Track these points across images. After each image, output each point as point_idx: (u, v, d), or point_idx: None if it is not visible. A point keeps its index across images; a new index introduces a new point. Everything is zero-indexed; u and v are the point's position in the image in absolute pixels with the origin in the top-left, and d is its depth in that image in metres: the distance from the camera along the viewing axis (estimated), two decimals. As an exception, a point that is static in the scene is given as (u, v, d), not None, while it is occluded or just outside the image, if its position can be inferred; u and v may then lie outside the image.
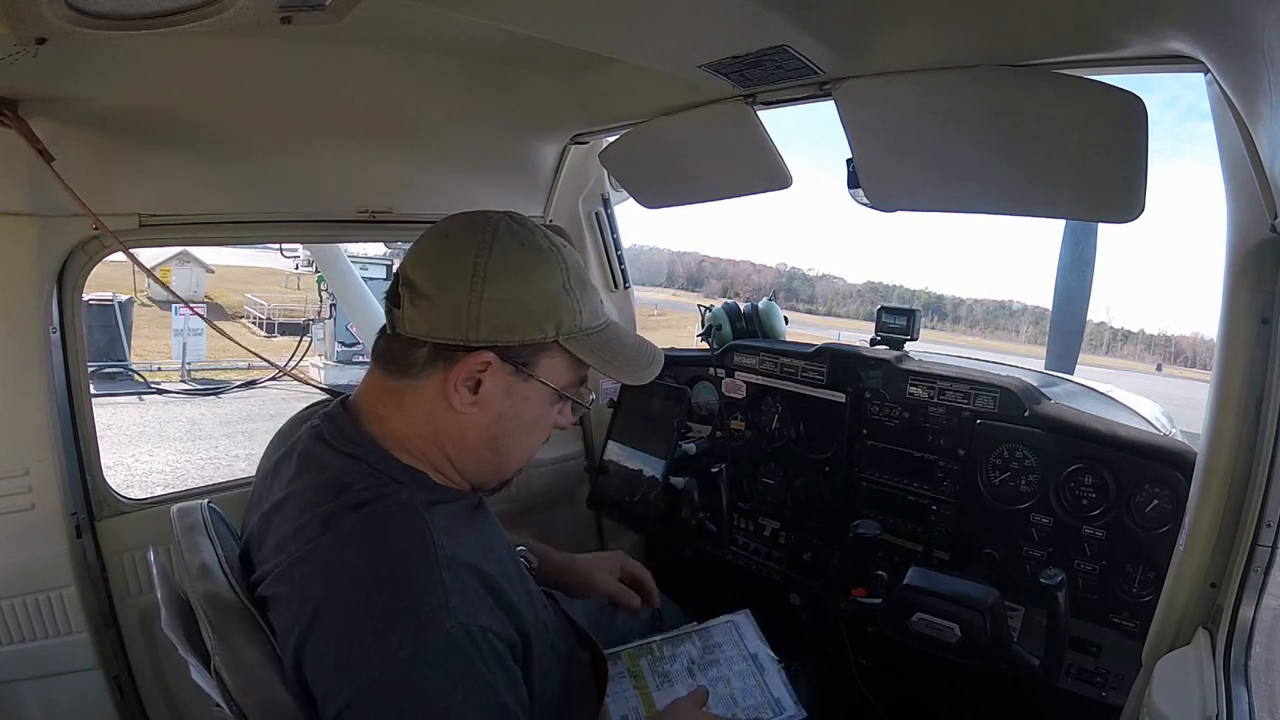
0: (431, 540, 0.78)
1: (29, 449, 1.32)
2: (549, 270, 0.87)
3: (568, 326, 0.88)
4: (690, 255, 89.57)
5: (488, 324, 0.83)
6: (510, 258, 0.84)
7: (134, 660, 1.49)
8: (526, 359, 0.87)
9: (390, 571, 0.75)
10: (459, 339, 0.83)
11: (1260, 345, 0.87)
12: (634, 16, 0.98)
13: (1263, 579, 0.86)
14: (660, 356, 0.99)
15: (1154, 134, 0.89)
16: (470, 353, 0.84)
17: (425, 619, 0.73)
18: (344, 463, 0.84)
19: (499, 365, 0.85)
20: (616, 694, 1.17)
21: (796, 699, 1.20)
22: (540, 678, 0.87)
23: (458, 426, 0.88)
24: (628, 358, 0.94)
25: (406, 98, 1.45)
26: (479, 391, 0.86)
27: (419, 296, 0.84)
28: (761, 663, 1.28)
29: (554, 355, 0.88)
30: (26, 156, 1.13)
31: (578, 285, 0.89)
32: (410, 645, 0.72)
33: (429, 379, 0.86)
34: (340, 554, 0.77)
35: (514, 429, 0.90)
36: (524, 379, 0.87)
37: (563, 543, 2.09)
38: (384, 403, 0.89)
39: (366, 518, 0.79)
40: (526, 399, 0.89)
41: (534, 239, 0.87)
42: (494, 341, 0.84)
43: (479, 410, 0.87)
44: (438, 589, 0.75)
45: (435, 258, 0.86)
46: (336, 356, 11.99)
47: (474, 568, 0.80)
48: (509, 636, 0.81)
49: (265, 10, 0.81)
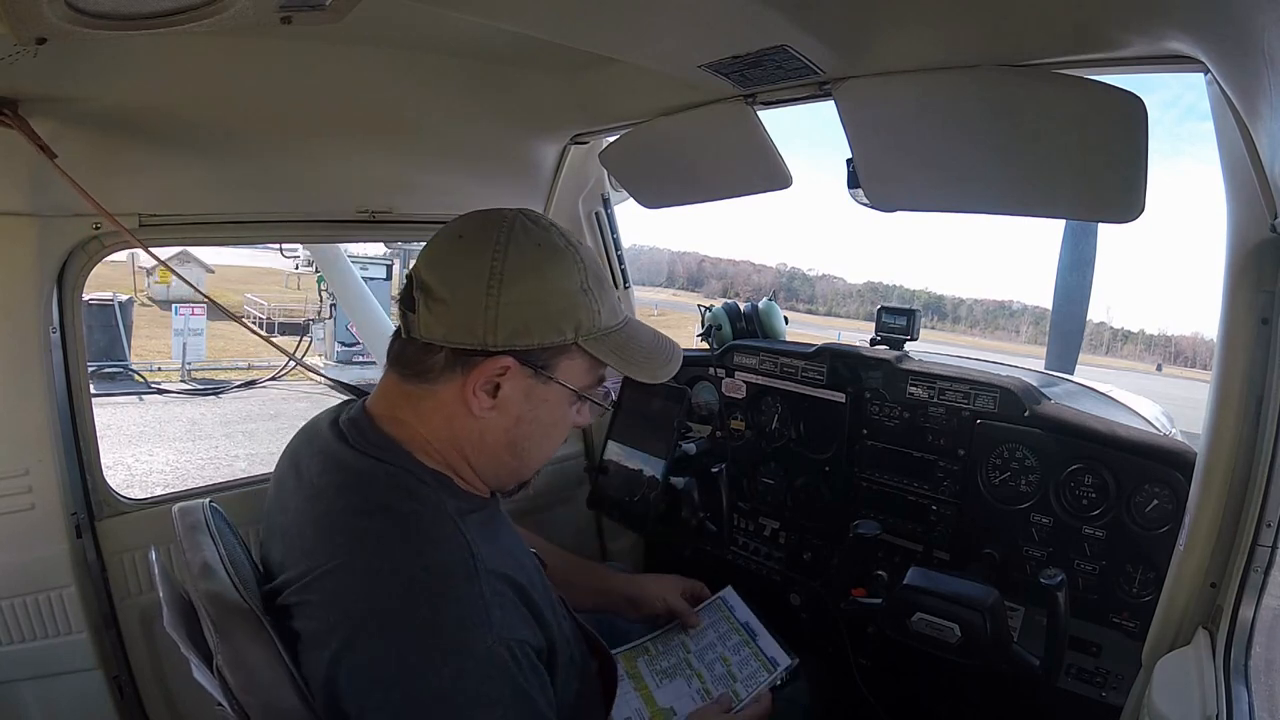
0: (471, 552, 0.77)
1: (29, 449, 1.32)
2: (566, 270, 0.85)
3: (587, 327, 0.86)
4: (690, 255, 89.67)
5: (505, 328, 0.81)
6: (527, 259, 0.82)
7: (134, 660, 1.48)
8: (545, 362, 0.85)
9: (431, 584, 0.74)
10: (476, 343, 0.82)
11: (1260, 345, 0.87)
12: (634, 16, 0.98)
13: (1263, 579, 0.86)
14: (679, 353, 0.97)
15: (1154, 134, 0.89)
16: (489, 357, 0.82)
17: (468, 634, 0.73)
18: (369, 465, 0.83)
19: (518, 369, 0.84)
20: (618, 697, 1.17)
21: (789, 649, 1.22)
22: (560, 688, 0.86)
23: (477, 431, 0.86)
24: (646, 355, 0.92)
25: (406, 98, 1.45)
26: (498, 395, 0.84)
27: (434, 300, 0.82)
28: (753, 629, 1.29)
29: (573, 357, 0.87)
30: (27, 156, 1.13)
31: (595, 284, 0.87)
32: (454, 660, 0.72)
33: (447, 384, 0.84)
34: (379, 564, 0.76)
35: (533, 431, 0.89)
36: (543, 381, 0.86)
37: (562, 543, 2.10)
38: (401, 407, 0.88)
39: (403, 526, 0.78)
40: (546, 401, 0.87)
41: (550, 238, 0.85)
42: (512, 346, 0.82)
43: (498, 414, 0.86)
44: (479, 603, 0.74)
45: (450, 260, 0.85)
46: (336, 356, 12.00)
47: (509, 578, 0.80)
48: (540, 646, 0.81)
49: (265, 10, 0.80)
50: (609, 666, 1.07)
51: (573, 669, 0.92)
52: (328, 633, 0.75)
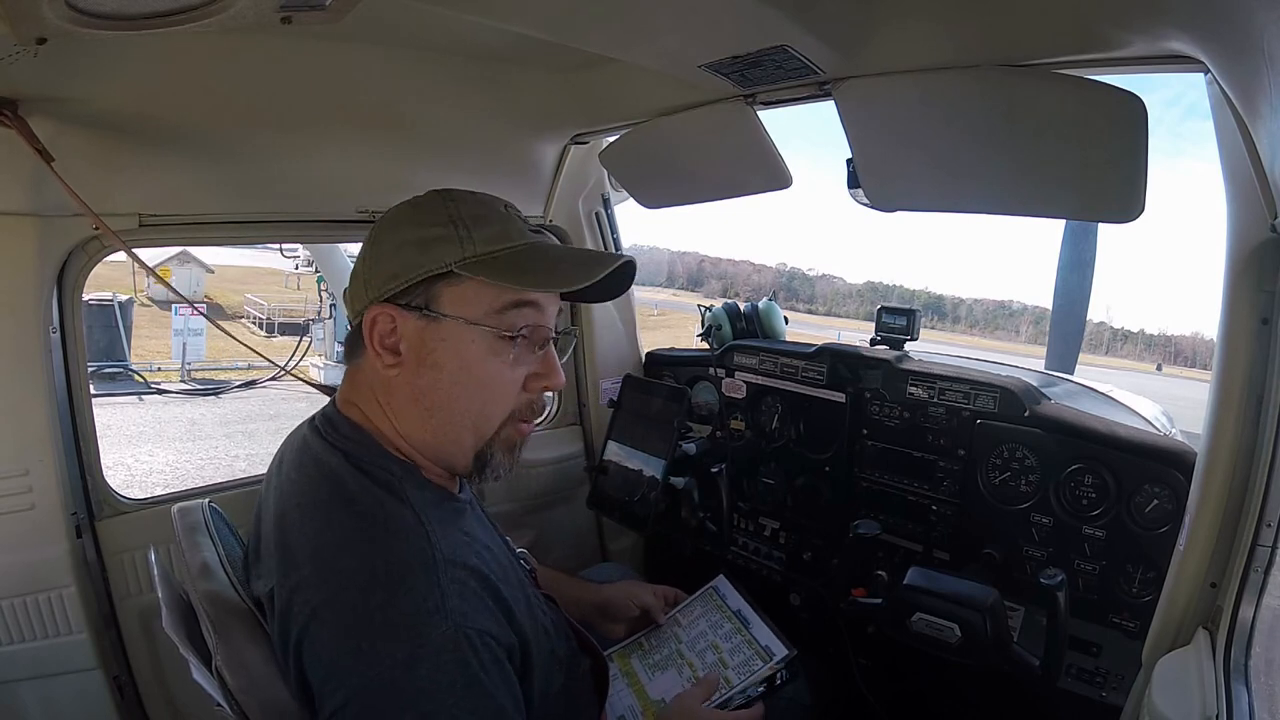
0: (429, 541, 0.78)
1: (29, 449, 1.32)
2: (431, 211, 0.86)
3: (464, 255, 0.82)
4: (690, 255, 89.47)
5: (378, 281, 0.85)
6: (392, 214, 0.88)
7: (134, 660, 1.48)
8: (426, 299, 0.83)
9: (388, 573, 0.75)
10: (363, 306, 0.86)
11: (1260, 345, 0.87)
12: (634, 16, 0.98)
13: (1263, 579, 0.86)
14: (615, 257, 0.89)
15: (1157, 133, 0.89)
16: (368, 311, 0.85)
17: (423, 621, 0.73)
18: (336, 459, 0.84)
19: (400, 314, 0.83)
20: (612, 696, 1.16)
21: (785, 640, 1.20)
22: (541, 682, 0.86)
23: (392, 391, 0.87)
24: (552, 261, 0.86)
25: (406, 98, 1.45)
26: (401, 351, 0.85)
27: (351, 281, 0.89)
28: (745, 617, 1.28)
29: (458, 284, 0.83)
30: (27, 156, 1.13)
31: (472, 219, 0.84)
32: (407, 647, 0.72)
33: (364, 353, 0.88)
34: (338, 554, 0.77)
35: (440, 379, 0.84)
36: (433, 320, 0.83)
37: (562, 542, 2.10)
38: (350, 389, 0.91)
39: (364, 518, 0.79)
40: (444, 340, 0.83)
41: (424, 198, 0.88)
42: (384, 293, 0.84)
43: (404, 369, 0.85)
44: (435, 591, 0.75)
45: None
46: (336, 356, 11.98)
47: (474, 569, 0.80)
48: (508, 640, 0.80)
49: (265, 10, 0.81)
50: (600, 664, 1.07)
51: (554, 662, 0.91)
52: (291, 622, 0.76)
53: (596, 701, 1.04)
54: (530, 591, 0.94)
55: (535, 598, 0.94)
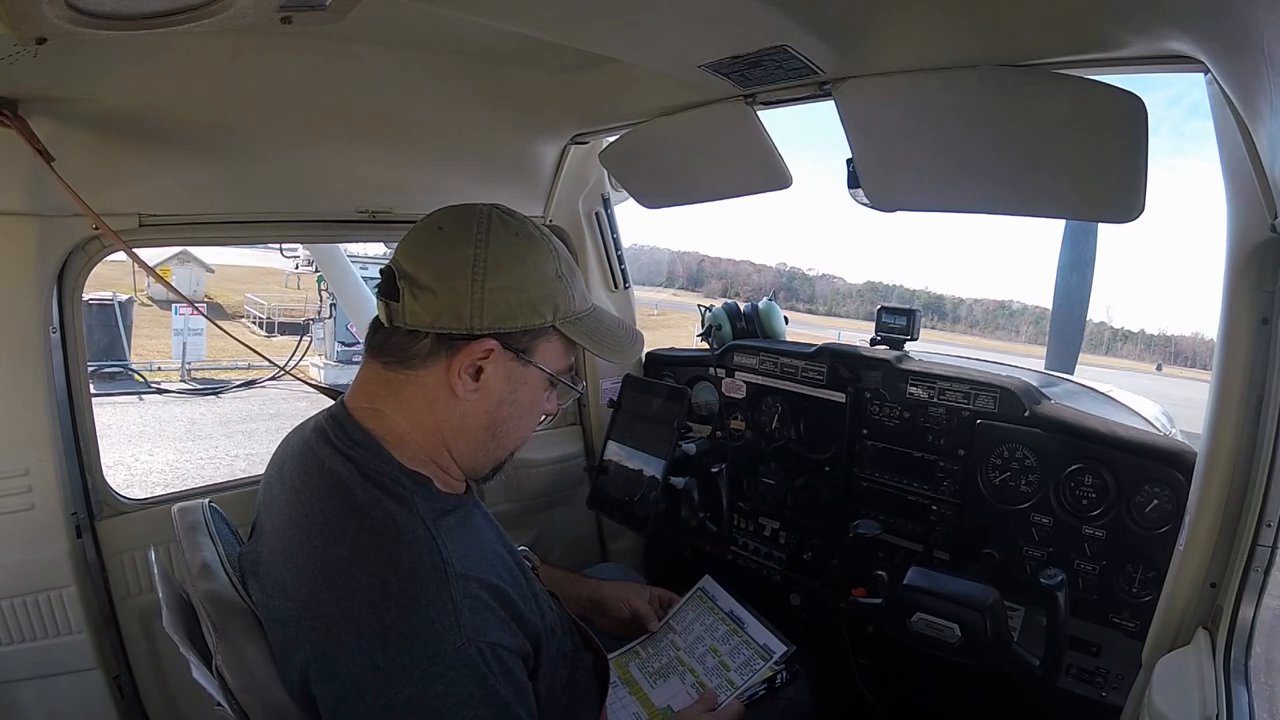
0: (441, 557, 0.78)
1: (29, 449, 1.32)
2: (544, 257, 0.89)
3: (563, 311, 0.90)
4: (690, 255, 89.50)
5: (491, 312, 0.85)
6: (508, 247, 0.87)
7: (134, 660, 1.49)
8: (526, 345, 0.89)
9: (401, 587, 0.75)
10: (463, 328, 0.85)
11: (1260, 345, 0.87)
12: (634, 17, 0.98)
13: (1263, 579, 0.86)
14: (640, 339, 1.05)
15: (1158, 132, 0.89)
16: (474, 340, 0.85)
17: (436, 638, 0.74)
18: (347, 469, 0.84)
19: (500, 352, 0.87)
20: (614, 704, 1.16)
21: (782, 636, 1.21)
22: (547, 678, 0.88)
23: (458, 414, 0.89)
24: (614, 339, 0.97)
25: (406, 98, 1.45)
26: (480, 379, 0.87)
27: (420, 289, 0.85)
28: (739, 616, 1.29)
29: (550, 340, 0.91)
30: (27, 156, 1.13)
31: (568, 271, 0.92)
32: (423, 664, 0.73)
33: (431, 368, 0.87)
34: (352, 569, 0.77)
35: (512, 414, 0.92)
36: (523, 364, 0.90)
37: (563, 543, 2.10)
38: (381, 396, 0.89)
39: (376, 532, 0.79)
40: (525, 384, 0.91)
41: (526, 229, 0.90)
42: (497, 328, 0.86)
43: (480, 397, 0.88)
44: (448, 607, 0.75)
45: (431, 251, 0.87)
46: (337, 356, 11.99)
47: (483, 581, 0.80)
48: (521, 648, 0.82)
49: (265, 10, 0.81)
50: (602, 661, 1.08)
51: (559, 658, 0.94)
52: (302, 637, 0.77)
53: (598, 697, 1.05)
54: (536, 588, 0.95)
55: (541, 594, 0.95)
